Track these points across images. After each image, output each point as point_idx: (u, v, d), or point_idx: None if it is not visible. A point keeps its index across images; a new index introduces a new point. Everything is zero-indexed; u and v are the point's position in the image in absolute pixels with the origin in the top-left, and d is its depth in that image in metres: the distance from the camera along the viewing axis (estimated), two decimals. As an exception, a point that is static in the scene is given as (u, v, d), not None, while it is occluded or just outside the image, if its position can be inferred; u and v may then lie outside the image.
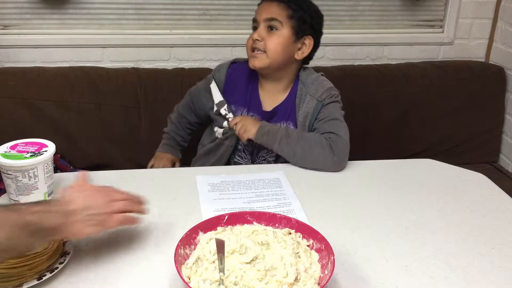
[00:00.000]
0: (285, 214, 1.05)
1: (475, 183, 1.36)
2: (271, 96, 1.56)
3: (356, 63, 2.28)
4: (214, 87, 1.59)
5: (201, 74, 2.01)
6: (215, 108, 1.58)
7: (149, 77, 2.01)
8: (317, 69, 2.15)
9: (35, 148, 1.15)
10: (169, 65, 2.17)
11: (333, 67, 2.18)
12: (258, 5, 1.54)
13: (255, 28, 1.50)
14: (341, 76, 2.12)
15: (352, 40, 2.29)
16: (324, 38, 2.24)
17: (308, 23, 1.50)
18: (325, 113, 1.49)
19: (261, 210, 1.12)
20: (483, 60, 2.41)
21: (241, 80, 1.58)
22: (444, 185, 1.33)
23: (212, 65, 2.16)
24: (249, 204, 1.18)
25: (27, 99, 1.87)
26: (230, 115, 1.54)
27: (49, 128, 1.90)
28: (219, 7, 2.16)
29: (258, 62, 1.48)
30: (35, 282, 0.88)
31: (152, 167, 1.69)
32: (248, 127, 1.46)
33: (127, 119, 1.97)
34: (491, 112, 2.28)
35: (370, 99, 2.12)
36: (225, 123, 1.55)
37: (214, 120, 1.60)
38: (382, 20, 2.32)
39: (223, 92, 1.58)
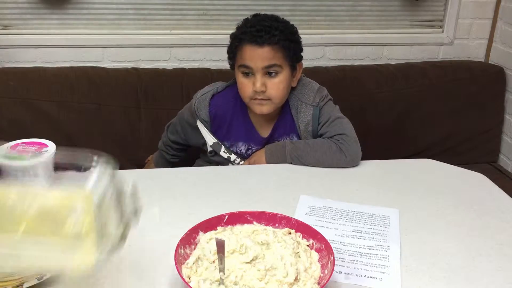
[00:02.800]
0: (378, 258, 1.00)
1: (475, 183, 1.36)
2: (266, 121, 1.51)
3: (356, 63, 2.28)
4: (202, 128, 1.51)
5: (201, 74, 2.03)
6: (210, 149, 1.53)
7: (149, 77, 2.01)
8: (317, 70, 2.17)
9: (35, 148, 1.15)
10: (169, 65, 2.17)
11: (333, 67, 2.19)
12: (237, 46, 1.41)
13: (246, 74, 1.41)
14: (341, 76, 2.12)
15: (352, 40, 2.29)
16: (324, 38, 2.27)
17: (298, 50, 1.47)
18: (325, 116, 1.49)
19: (354, 247, 1.04)
20: (482, 60, 2.42)
21: (228, 114, 1.51)
22: (444, 185, 1.33)
23: (212, 65, 2.17)
24: (341, 238, 1.07)
25: (27, 99, 1.87)
26: (234, 157, 1.51)
27: (49, 128, 1.90)
28: (219, 7, 2.16)
29: (266, 108, 1.43)
30: (35, 282, 0.88)
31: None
32: (257, 162, 1.45)
33: (127, 119, 1.97)
34: (491, 112, 2.28)
35: (370, 99, 2.12)
36: (231, 162, 1.53)
37: (214, 157, 1.56)
38: (382, 20, 2.32)
39: (213, 131, 1.51)
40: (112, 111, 1.95)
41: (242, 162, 1.52)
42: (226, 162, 1.53)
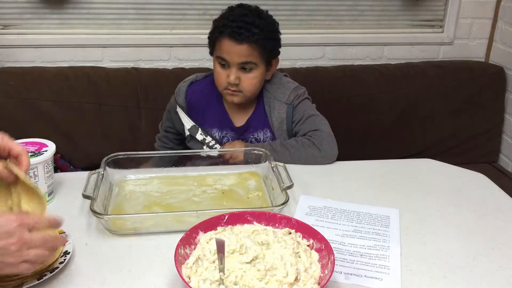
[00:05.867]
0: (378, 258, 1.00)
1: (475, 183, 1.35)
2: (240, 112, 1.56)
3: (356, 63, 2.28)
4: (181, 112, 1.57)
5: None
6: (187, 133, 1.57)
7: (149, 77, 2.01)
8: (317, 70, 2.17)
9: (35, 148, 1.15)
10: (169, 65, 2.17)
11: (333, 67, 2.19)
12: (217, 37, 1.45)
13: (223, 65, 1.46)
14: (341, 76, 2.12)
15: (352, 40, 2.29)
16: (324, 38, 2.27)
17: (276, 47, 1.49)
18: (299, 114, 1.52)
19: (354, 247, 1.04)
20: (483, 60, 2.41)
21: (203, 101, 1.57)
22: (444, 185, 1.33)
23: (212, 65, 2.16)
24: (341, 238, 1.07)
25: (27, 99, 1.87)
26: (209, 139, 1.54)
27: (49, 128, 1.90)
28: (219, 7, 2.13)
29: (238, 99, 1.49)
30: (35, 282, 0.88)
31: None
32: (234, 157, 1.44)
33: (127, 119, 1.97)
34: (491, 112, 2.28)
35: (370, 99, 2.12)
36: (205, 147, 1.55)
37: (189, 143, 1.59)
38: (382, 20, 2.32)
39: (190, 116, 1.56)
40: (112, 111, 1.95)
41: (217, 145, 1.55)
42: (201, 146, 1.56)
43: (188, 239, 0.92)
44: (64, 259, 0.93)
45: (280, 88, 1.54)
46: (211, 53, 1.52)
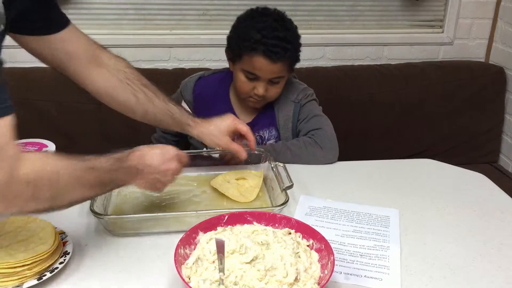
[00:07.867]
0: (378, 258, 1.01)
1: (475, 183, 1.36)
2: (247, 110, 1.57)
3: (356, 63, 2.28)
4: (186, 108, 1.52)
5: (201, 74, 2.02)
6: None
7: (149, 77, 2.00)
8: (317, 69, 2.17)
9: (35, 148, 1.15)
10: (169, 65, 2.17)
11: (333, 67, 2.18)
12: (247, 52, 1.41)
13: (250, 79, 1.44)
14: (341, 76, 2.12)
15: (352, 40, 2.29)
16: (324, 38, 2.26)
17: (299, 55, 1.51)
18: (304, 113, 1.54)
19: (354, 247, 1.04)
20: (483, 60, 2.41)
21: (209, 98, 1.57)
22: (444, 185, 1.33)
23: (212, 65, 2.16)
24: (341, 238, 1.07)
25: (27, 99, 1.87)
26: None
27: (49, 128, 1.90)
28: (219, 7, 2.16)
29: (260, 104, 1.52)
30: (35, 282, 0.88)
31: None
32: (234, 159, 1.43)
33: (127, 119, 1.95)
34: (491, 112, 2.28)
35: (370, 99, 2.12)
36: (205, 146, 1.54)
37: (191, 139, 1.58)
38: (382, 20, 2.32)
39: (195, 113, 1.53)
40: (112, 111, 1.93)
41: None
42: (201, 146, 1.54)
43: (188, 239, 0.92)
44: (64, 259, 0.93)
45: (290, 88, 1.55)
46: (232, 60, 1.49)
